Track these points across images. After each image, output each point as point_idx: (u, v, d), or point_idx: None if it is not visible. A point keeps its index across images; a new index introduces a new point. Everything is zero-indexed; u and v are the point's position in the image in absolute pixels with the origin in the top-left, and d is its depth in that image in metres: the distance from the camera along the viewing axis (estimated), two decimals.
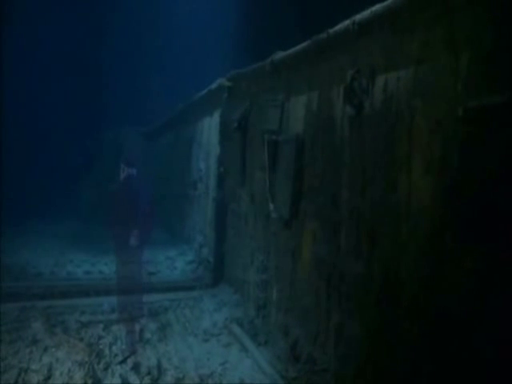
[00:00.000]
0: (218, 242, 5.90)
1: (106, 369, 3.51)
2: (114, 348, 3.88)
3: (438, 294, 2.17)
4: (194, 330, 4.37)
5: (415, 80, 2.36)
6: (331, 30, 3.14)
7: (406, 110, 2.40)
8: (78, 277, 6.02)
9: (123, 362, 3.63)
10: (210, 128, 6.79)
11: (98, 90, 13.82)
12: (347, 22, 2.93)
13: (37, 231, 9.22)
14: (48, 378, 3.34)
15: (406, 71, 2.42)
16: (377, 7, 2.67)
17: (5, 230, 8.95)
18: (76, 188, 11.70)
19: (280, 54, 4.20)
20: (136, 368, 3.55)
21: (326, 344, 3.19)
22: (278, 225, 4.07)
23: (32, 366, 3.50)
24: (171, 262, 7.06)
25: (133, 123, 12.79)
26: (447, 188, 2.12)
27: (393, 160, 2.48)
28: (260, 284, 4.48)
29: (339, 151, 3.07)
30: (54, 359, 3.61)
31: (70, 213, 10.64)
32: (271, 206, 4.10)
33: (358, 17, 2.82)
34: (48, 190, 11.63)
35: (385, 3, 2.59)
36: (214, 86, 6.31)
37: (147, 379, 3.39)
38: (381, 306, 2.59)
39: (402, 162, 2.41)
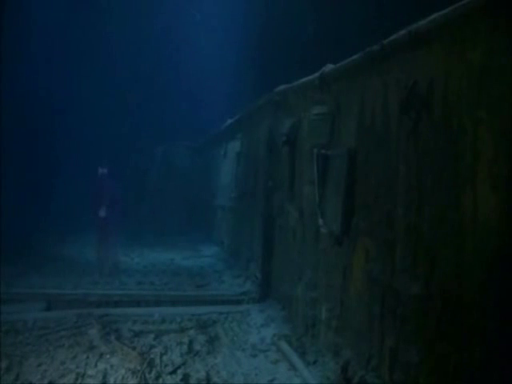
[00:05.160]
0: (266, 256, 5.88)
1: (157, 378, 3.59)
2: (164, 358, 3.96)
3: (506, 320, 1.99)
4: (241, 345, 4.36)
5: (479, 90, 2.22)
6: (385, 41, 3.07)
7: (469, 122, 2.27)
8: (130, 287, 6.27)
9: (173, 372, 3.68)
10: (258, 142, 6.86)
11: (148, 106, 14.50)
12: (403, 32, 2.85)
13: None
14: None
15: (468, 81, 2.30)
16: (434, 16, 2.57)
17: (64, 239, 9.57)
18: (127, 200, 12.22)
19: (330, 67, 4.16)
20: (185, 379, 3.59)
21: (379, 368, 3.02)
22: (327, 241, 3.98)
23: (88, 371, 3.65)
24: (219, 276, 7.15)
25: (182, 138, 13.23)
26: None
27: (455, 175, 2.34)
28: (309, 301, 4.38)
29: (394, 166, 2.95)
30: (109, 366, 3.75)
31: (123, 225, 11.17)
32: (321, 222, 4.02)
33: (415, 26, 2.73)
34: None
35: (443, 12, 2.49)
36: (262, 100, 6.40)
37: None
38: (441, 330, 2.42)
39: (465, 177, 2.27)
